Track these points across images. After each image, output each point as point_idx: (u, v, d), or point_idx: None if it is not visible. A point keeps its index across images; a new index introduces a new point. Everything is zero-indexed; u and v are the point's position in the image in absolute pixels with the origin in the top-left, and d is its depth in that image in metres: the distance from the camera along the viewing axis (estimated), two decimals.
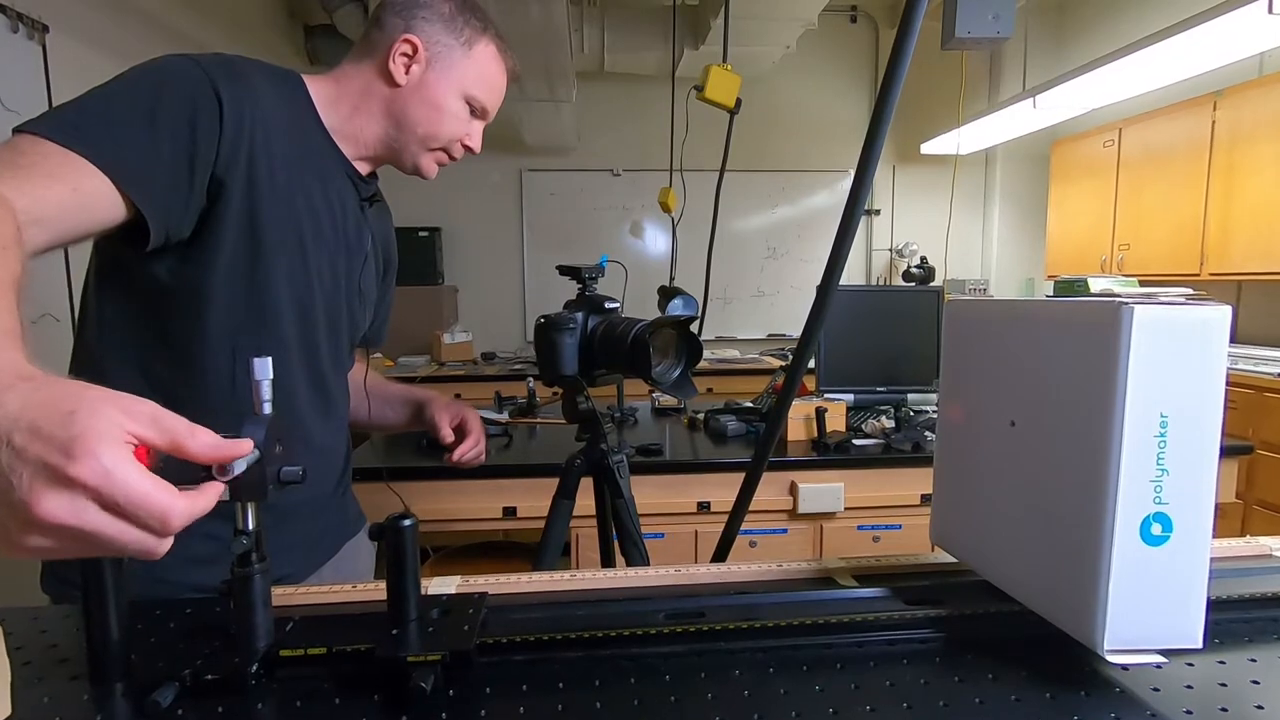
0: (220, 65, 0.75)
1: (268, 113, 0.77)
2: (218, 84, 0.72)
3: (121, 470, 0.37)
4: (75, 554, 0.39)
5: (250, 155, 0.75)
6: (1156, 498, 0.48)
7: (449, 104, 0.88)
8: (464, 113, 0.90)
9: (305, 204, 0.82)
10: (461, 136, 0.91)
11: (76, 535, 0.37)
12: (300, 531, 0.88)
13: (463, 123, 0.90)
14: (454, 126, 0.89)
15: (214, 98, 0.72)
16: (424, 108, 0.87)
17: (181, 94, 0.70)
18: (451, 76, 0.87)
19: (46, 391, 0.39)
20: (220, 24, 3.32)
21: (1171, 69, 2.71)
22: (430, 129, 0.88)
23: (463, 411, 1.08)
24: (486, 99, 0.91)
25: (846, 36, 4.89)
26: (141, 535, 0.38)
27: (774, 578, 0.71)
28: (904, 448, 1.71)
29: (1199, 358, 0.47)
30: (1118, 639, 0.48)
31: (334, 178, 0.86)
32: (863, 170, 0.65)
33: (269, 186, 0.77)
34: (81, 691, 0.50)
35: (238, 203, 0.75)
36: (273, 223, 0.78)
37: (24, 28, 2.16)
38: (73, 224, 0.64)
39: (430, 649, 0.50)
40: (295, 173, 0.80)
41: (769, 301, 5.04)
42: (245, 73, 0.77)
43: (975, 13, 1.64)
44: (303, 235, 0.81)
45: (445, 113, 0.88)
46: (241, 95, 0.74)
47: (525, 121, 4.08)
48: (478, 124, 0.93)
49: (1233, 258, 3.20)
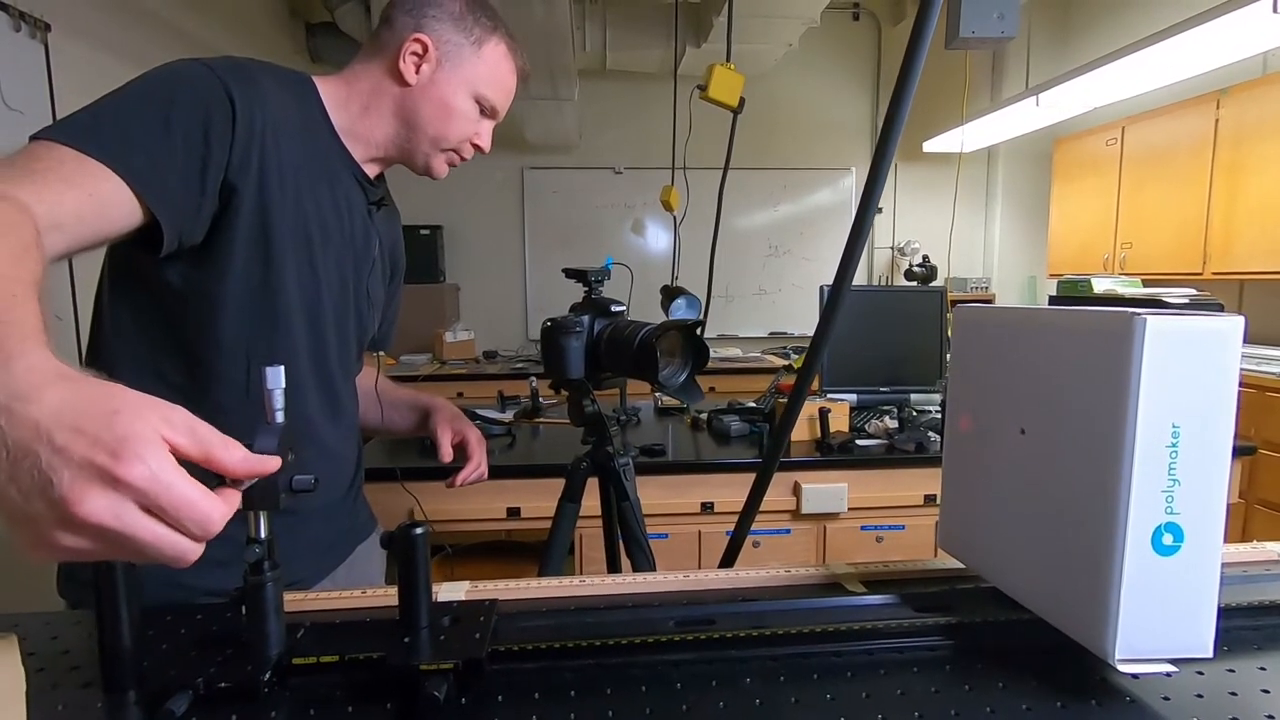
0: (232, 69, 0.75)
1: (278, 116, 0.77)
2: (230, 87, 0.72)
3: (168, 475, 0.37)
4: (102, 556, 0.38)
5: (261, 159, 0.75)
6: (1168, 508, 0.48)
7: (459, 103, 0.87)
8: (474, 112, 0.89)
9: (314, 208, 0.82)
10: (471, 136, 0.90)
11: (112, 537, 0.37)
12: (312, 536, 0.88)
13: (472, 122, 0.90)
14: (464, 126, 0.89)
15: (227, 101, 0.72)
16: (434, 107, 0.86)
17: (195, 98, 0.70)
18: (461, 75, 0.87)
19: (87, 391, 0.39)
20: (222, 22, 3.32)
21: (1175, 68, 2.71)
22: (440, 129, 0.88)
23: (464, 430, 1.07)
24: (496, 98, 0.90)
25: (849, 34, 4.88)
26: (178, 540, 0.38)
27: (782, 583, 0.71)
28: (907, 448, 1.71)
29: (1211, 368, 0.47)
30: (1129, 648, 0.48)
31: (342, 181, 0.86)
32: (872, 182, 0.65)
33: (279, 190, 0.77)
34: (95, 699, 0.50)
35: (249, 207, 0.75)
36: (283, 227, 0.78)
37: (26, 26, 2.16)
38: (90, 229, 0.64)
39: (442, 657, 0.50)
40: (305, 176, 0.80)
41: (771, 300, 5.04)
42: (256, 76, 0.77)
43: (980, 12, 1.63)
44: (311, 239, 0.81)
45: (455, 112, 0.87)
46: (253, 98, 0.74)
47: (527, 119, 4.08)
48: (487, 123, 0.92)
49: (1236, 257, 3.20)
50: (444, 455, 1.03)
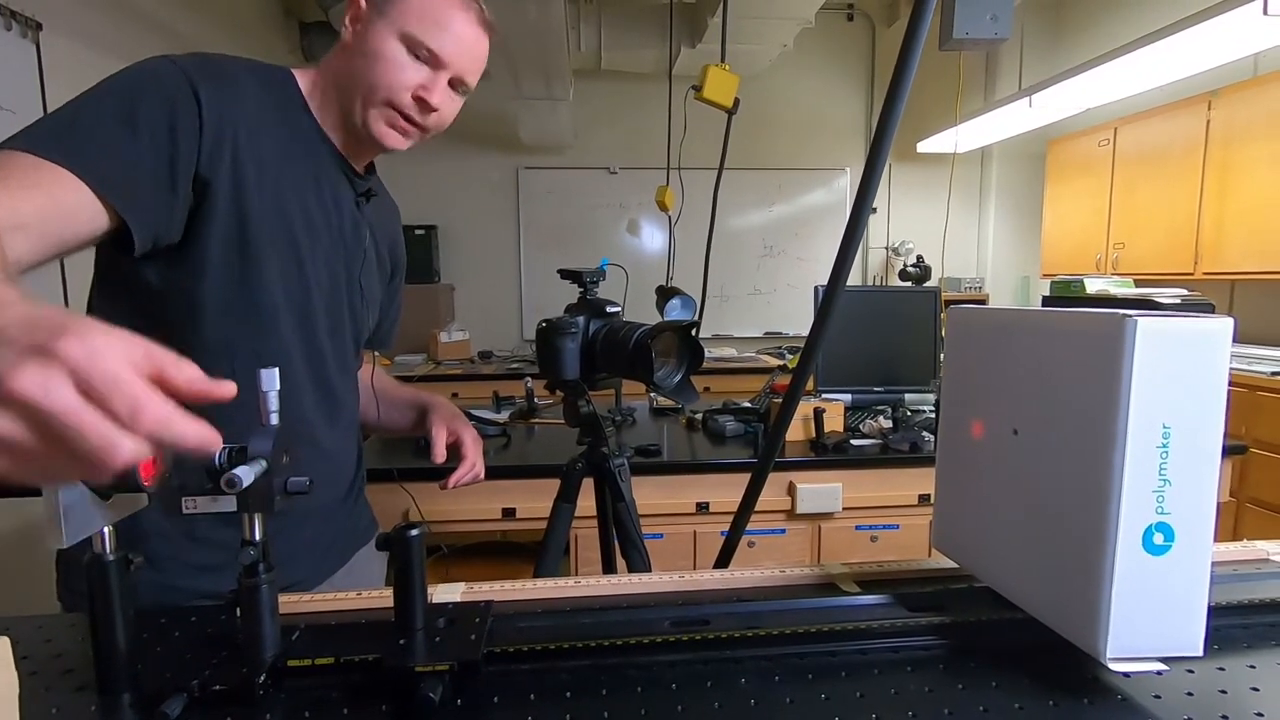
0: (200, 64, 0.74)
1: (252, 110, 0.76)
2: (196, 83, 0.71)
3: (107, 352, 0.36)
4: (33, 461, 0.36)
5: (234, 155, 0.74)
6: (1159, 508, 0.48)
7: (384, 48, 0.79)
8: (402, 55, 0.79)
9: (297, 203, 0.80)
10: (409, 86, 0.80)
11: (40, 418, 0.35)
12: (309, 537, 0.87)
13: (405, 69, 0.80)
14: (393, 73, 0.79)
15: (192, 97, 0.71)
16: (362, 58, 0.80)
17: (159, 95, 0.70)
18: (387, 19, 0.79)
19: (51, 309, 0.39)
20: (215, 21, 3.31)
21: (1166, 69, 2.73)
22: (368, 78, 0.80)
23: (459, 431, 1.04)
24: (430, 38, 0.79)
25: (843, 34, 4.89)
26: (104, 427, 0.35)
27: (777, 583, 0.71)
28: (901, 448, 1.72)
29: (1201, 369, 0.47)
30: (1120, 647, 0.49)
31: (328, 175, 0.85)
32: (867, 183, 0.65)
33: (257, 188, 0.76)
34: (89, 702, 0.50)
35: (224, 204, 0.74)
36: (262, 223, 0.76)
37: (17, 25, 2.15)
38: (57, 231, 0.63)
39: (438, 659, 0.50)
40: (285, 171, 0.79)
41: (765, 300, 5.05)
42: (227, 71, 0.76)
43: (973, 13, 1.64)
44: (295, 235, 0.80)
45: (380, 57, 0.79)
46: (222, 93, 0.73)
47: (522, 119, 4.07)
48: (429, 73, 0.81)
49: (1227, 257, 3.22)
50: (436, 456, 1.01)
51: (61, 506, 0.44)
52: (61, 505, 0.44)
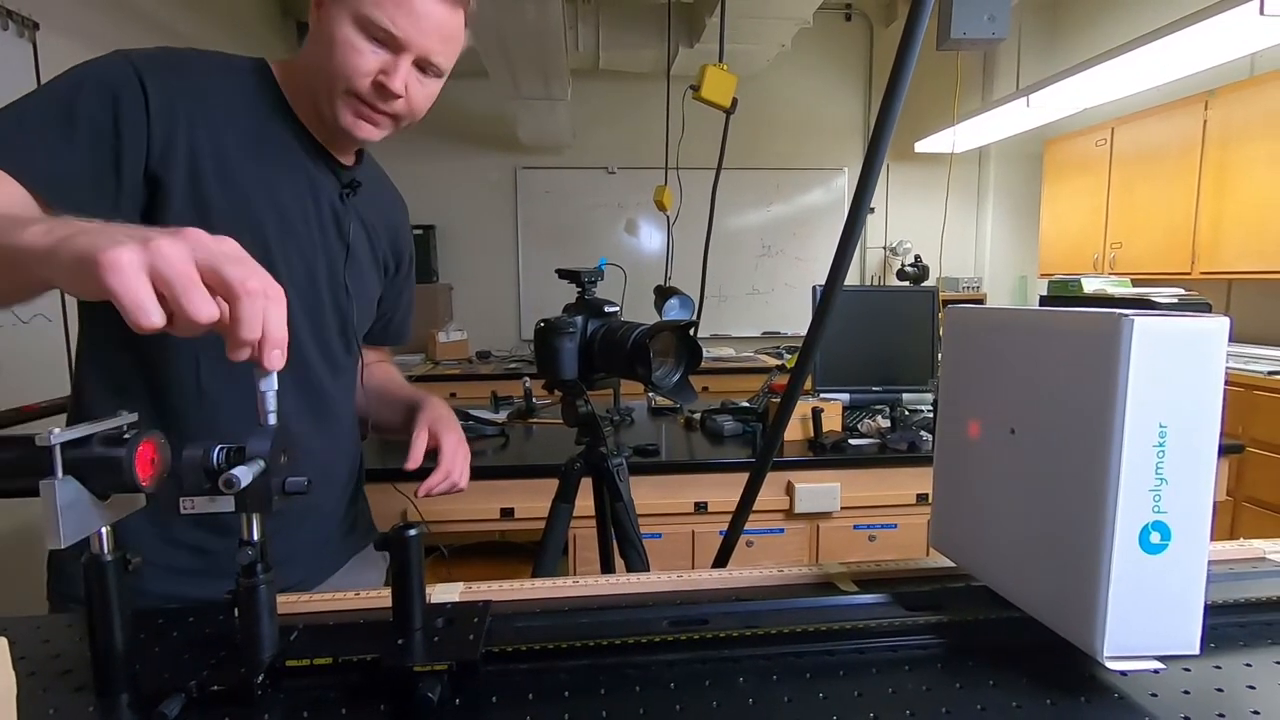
0: (153, 56, 0.72)
1: (215, 103, 0.74)
2: (144, 75, 0.70)
3: (179, 253, 0.47)
4: None
5: (191, 148, 0.72)
6: (1155, 506, 0.48)
7: (339, 33, 0.75)
8: (359, 40, 0.75)
9: (267, 198, 0.78)
10: (367, 73, 0.76)
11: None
12: (303, 539, 0.87)
13: (362, 55, 0.75)
14: (350, 59, 0.75)
15: (139, 89, 0.69)
16: (320, 46, 0.77)
17: (101, 89, 0.68)
18: (344, 2, 0.75)
19: None
20: (212, 20, 3.30)
21: (1163, 69, 2.73)
22: (326, 65, 0.76)
23: (440, 435, 0.96)
24: (386, 18, 0.74)
25: (841, 34, 4.89)
26: (147, 296, 0.46)
27: (775, 583, 0.71)
28: (899, 447, 1.72)
29: (1198, 368, 0.48)
30: (1117, 646, 0.49)
31: (305, 167, 0.82)
32: (864, 182, 0.65)
33: (217, 180, 0.74)
34: (87, 703, 0.50)
35: (181, 201, 0.72)
36: (227, 220, 0.73)
37: (14, 25, 2.14)
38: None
39: (436, 658, 0.50)
40: (253, 166, 0.77)
41: (763, 299, 5.05)
42: (185, 61, 0.74)
43: (971, 14, 1.64)
44: (266, 233, 0.77)
45: (336, 44, 0.75)
46: (172, 85, 0.72)
47: (520, 119, 4.07)
48: (388, 56, 0.76)
49: (1224, 257, 3.22)
50: (410, 461, 0.92)
51: (59, 506, 0.44)
52: (59, 505, 0.44)
